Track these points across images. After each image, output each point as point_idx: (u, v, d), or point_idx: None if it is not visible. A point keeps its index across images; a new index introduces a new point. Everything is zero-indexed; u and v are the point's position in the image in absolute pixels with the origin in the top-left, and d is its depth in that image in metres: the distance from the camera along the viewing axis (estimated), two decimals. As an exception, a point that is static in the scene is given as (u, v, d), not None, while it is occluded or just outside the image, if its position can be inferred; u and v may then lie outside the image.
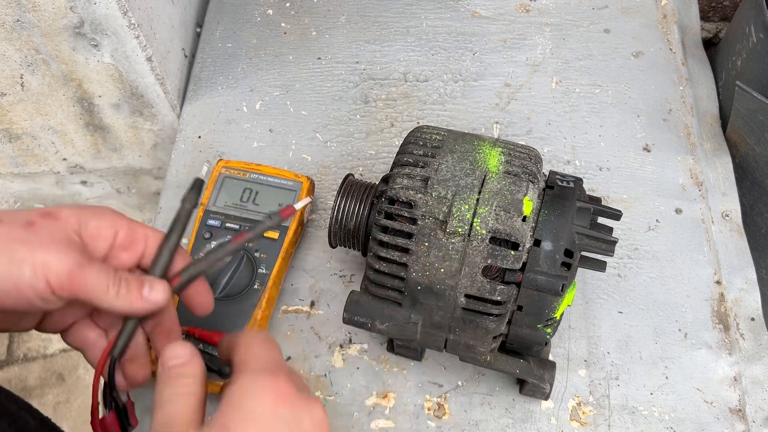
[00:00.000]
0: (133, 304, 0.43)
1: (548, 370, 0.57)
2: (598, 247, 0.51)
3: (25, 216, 0.42)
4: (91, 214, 0.44)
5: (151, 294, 0.44)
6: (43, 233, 0.41)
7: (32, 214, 0.42)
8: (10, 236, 0.40)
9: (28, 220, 0.42)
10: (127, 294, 0.43)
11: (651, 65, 0.80)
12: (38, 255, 0.40)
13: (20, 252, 0.40)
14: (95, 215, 0.45)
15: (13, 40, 0.66)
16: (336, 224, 0.58)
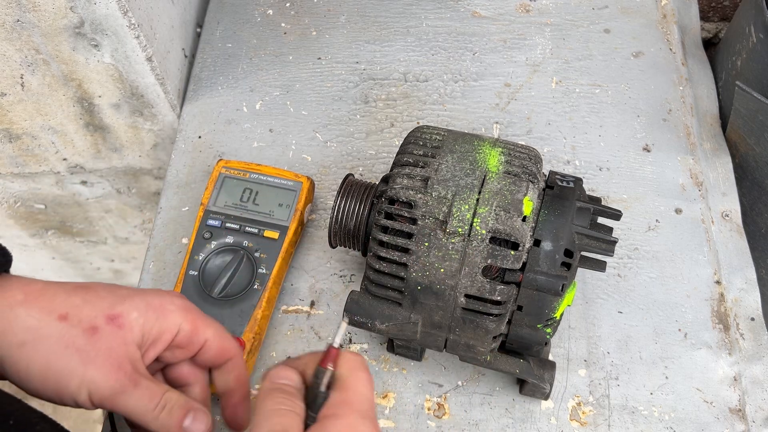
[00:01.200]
0: (172, 428, 0.43)
1: (548, 370, 0.57)
2: (598, 247, 0.51)
3: (92, 315, 0.42)
4: (157, 317, 0.44)
5: (192, 425, 0.44)
6: (101, 345, 0.41)
7: (99, 315, 0.42)
8: (69, 342, 0.41)
9: (92, 325, 0.42)
10: (168, 420, 0.43)
11: (651, 65, 0.80)
12: (89, 371, 0.40)
13: (73, 363, 0.40)
14: (162, 316, 0.45)
15: (13, 40, 0.66)
16: (336, 224, 0.58)
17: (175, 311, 0.46)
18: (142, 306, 0.44)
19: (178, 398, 0.44)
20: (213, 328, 0.47)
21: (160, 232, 0.71)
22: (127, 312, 0.43)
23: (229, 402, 0.49)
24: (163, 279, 0.68)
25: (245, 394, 0.50)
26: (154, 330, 0.44)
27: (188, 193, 0.73)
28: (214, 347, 0.47)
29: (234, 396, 0.49)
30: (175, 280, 0.66)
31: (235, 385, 0.49)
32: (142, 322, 0.44)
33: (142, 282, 0.68)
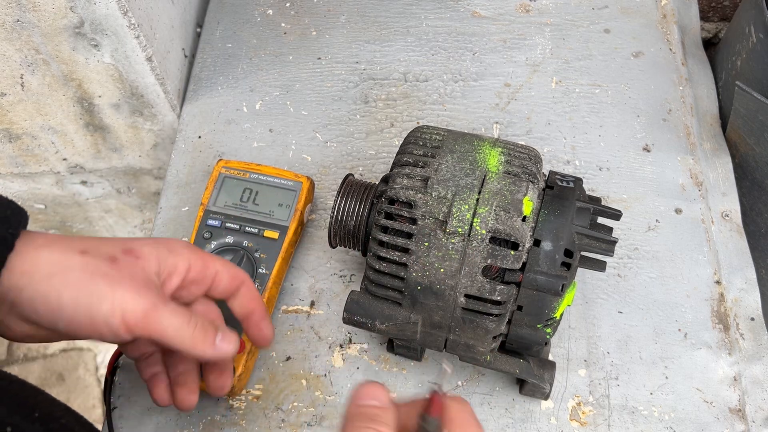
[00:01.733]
0: (206, 350, 0.45)
1: (548, 370, 0.57)
2: (598, 247, 0.51)
3: (109, 250, 0.44)
4: (168, 251, 0.46)
5: (222, 343, 0.45)
6: (124, 271, 0.43)
7: (116, 249, 0.44)
8: (94, 270, 0.42)
9: (111, 255, 0.43)
10: (202, 339, 0.44)
11: (651, 65, 0.80)
12: (118, 292, 0.41)
13: (102, 287, 0.41)
14: (173, 252, 0.46)
15: (13, 40, 0.66)
16: (336, 224, 0.58)
17: (184, 248, 0.48)
18: (153, 243, 0.46)
19: (205, 318, 0.46)
20: (220, 261, 0.49)
21: (160, 232, 0.71)
22: (140, 247, 0.45)
23: (251, 323, 0.51)
24: (163, 279, 0.68)
25: (263, 312, 0.52)
26: (168, 262, 0.46)
27: (188, 193, 0.73)
28: (225, 277, 0.49)
29: (254, 316, 0.51)
30: (175, 280, 0.66)
31: (253, 306, 0.51)
32: (156, 254, 0.45)
33: (142, 282, 0.68)
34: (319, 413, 0.62)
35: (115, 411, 0.62)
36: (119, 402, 0.62)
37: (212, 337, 0.45)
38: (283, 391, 0.63)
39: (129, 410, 0.62)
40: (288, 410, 0.62)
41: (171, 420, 0.61)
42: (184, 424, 0.61)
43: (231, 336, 0.46)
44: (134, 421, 0.62)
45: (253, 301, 0.51)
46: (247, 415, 0.62)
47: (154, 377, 0.52)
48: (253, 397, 0.62)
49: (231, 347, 0.46)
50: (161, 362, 0.52)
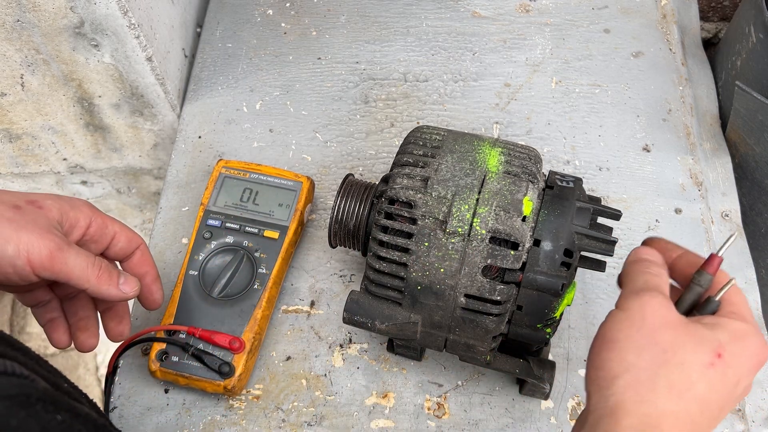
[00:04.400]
0: (110, 290, 0.48)
1: (548, 370, 0.57)
2: (598, 247, 0.51)
3: (12, 199, 0.46)
4: (70, 205, 0.49)
5: (125, 286, 0.49)
6: (28, 217, 0.45)
7: (19, 199, 0.46)
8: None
9: (14, 204, 0.45)
10: (107, 279, 0.47)
11: (651, 65, 0.80)
12: (23, 235, 0.43)
13: (6, 231, 0.43)
14: (74, 207, 0.49)
15: (13, 40, 0.66)
16: (336, 224, 0.58)
17: (85, 206, 0.50)
18: (56, 197, 0.48)
19: (109, 263, 0.49)
20: (118, 224, 0.52)
21: (160, 232, 0.71)
22: (44, 199, 0.47)
23: (143, 284, 0.54)
24: (163, 279, 0.68)
25: (155, 275, 0.55)
26: (70, 215, 0.48)
27: (188, 193, 0.73)
28: (123, 238, 0.52)
29: (147, 278, 0.55)
30: (176, 280, 0.66)
31: (146, 269, 0.55)
32: (58, 207, 0.47)
33: (142, 282, 0.68)
34: (319, 413, 0.62)
35: (115, 411, 0.62)
36: (119, 402, 0.62)
37: (116, 279, 0.48)
38: (283, 391, 0.63)
39: (129, 410, 0.62)
40: (288, 410, 0.62)
41: (171, 420, 0.62)
42: (184, 423, 0.61)
43: (132, 280, 0.50)
44: (134, 421, 0.62)
45: (147, 265, 0.55)
46: (247, 415, 0.62)
47: (51, 321, 0.54)
48: (253, 397, 0.62)
49: (133, 289, 0.50)
50: (59, 308, 0.54)
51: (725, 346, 0.40)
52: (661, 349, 0.39)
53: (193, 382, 0.60)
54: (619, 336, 0.40)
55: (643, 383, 0.39)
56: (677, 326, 0.40)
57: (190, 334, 0.60)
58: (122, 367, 0.64)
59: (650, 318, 0.40)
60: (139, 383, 0.63)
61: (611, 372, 0.40)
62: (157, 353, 0.60)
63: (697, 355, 0.39)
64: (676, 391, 0.38)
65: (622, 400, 0.38)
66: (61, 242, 0.45)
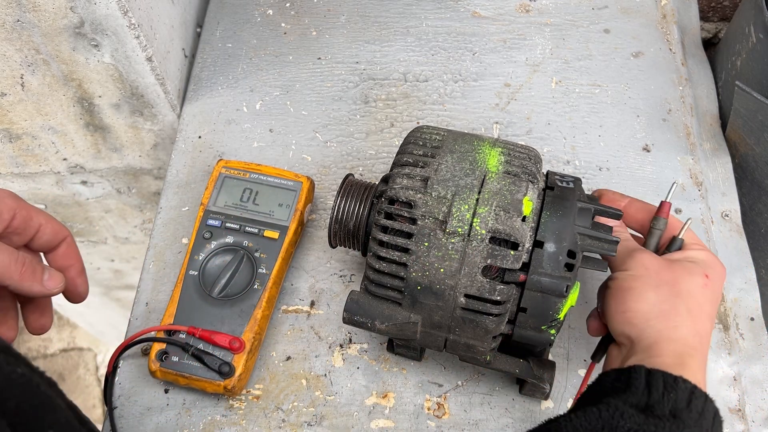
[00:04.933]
0: (33, 286, 0.48)
1: (548, 370, 0.57)
2: (600, 247, 0.51)
3: None
4: None
5: (49, 281, 0.49)
6: None
7: None
8: None
9: None
10: (30, 275, 0.47)
11: (651, 65, 0.80)
12: None
13: None
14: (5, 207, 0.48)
15: (13, 40, 0.66)
16: (336, 224, 0.58)
17: (8, 197, 0.49)
18: None
19: (33, 258, 0.49)
20: (44, 215, 0.51)
21: (160, 232, 0.71)
22: None
23: (67, 276, 0.53)
24: (163, 279, 0.68)
25: (81, 268, 0.54)
26: None
27: (188, 193, 0.73)
28: (48, 230, 0.51)
29: (72, 270, 0.53)
30: (175, 280, 0.66)
31: (71, 262, 0.54)
32: None
33: (143, 282, 0.68)
34: (319, 413, 0.62)
35: (115, 411, 0.62)
36: (119, 402, 0.62)
37: (40, 275, 0.48)
38: (283, 391, 0.63)
39: (129, 410, 0.62)
40: (288, 410, 0.62)
41: (171, 420, 0.62)
42: (184, 423, 0.61)
43: (57, 275, 0.49)
44: (134, 421, 0.62)
45: (72, 258, 0.54)
46: (247, 415, 0.62)
47: None
48: (253, 397, 0.62)
49: (58, 286, 0.49)
50: None
51: (707, 269, 0.51)
52: (669, 285, 0.50)
53: (193, 382, 0.60)
54: (635, 285, 0.50)
55: (670, 314, 0.48)
56: (670, 266, 0.51)
57: (190, 334, 0.60)
58: (122, 367, 0.64)
59: (650, 266, 0.51)
60: (139, 383, 0.63)
61: (642, 311, 0.49)
62: (157, 353, 0.60)
63: (693, 281, 0.50)
64: (693, 312, 0.49)
65: (659, 329, 0.48)
66: None
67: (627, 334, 0.50)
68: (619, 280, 0.52)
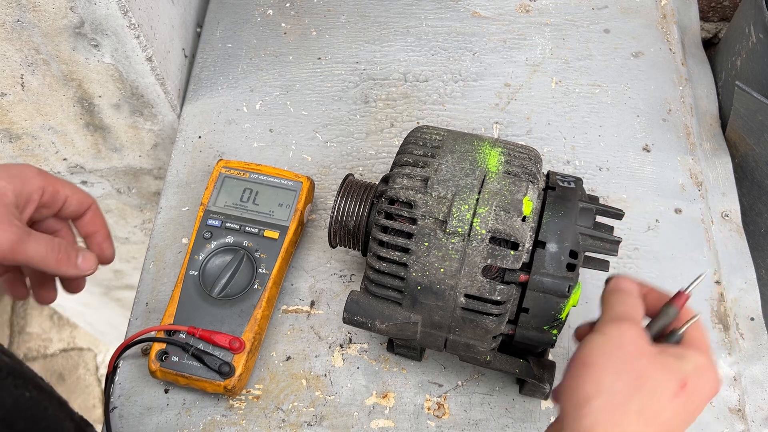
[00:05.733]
0: (69, 270, 0.51)
1: (548, 370, 0.57)
2: (602, 248, 0.51)
3: None
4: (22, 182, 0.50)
5: (83, 263, 0.52)
6: None
7: None
8: None
9: None
10: (66, 261, 0.51)
11: (651, 65, 0.80)
12: None
13: None
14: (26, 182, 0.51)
15: (13, 40, 0.66)
16: (336, 224, 0.58)
17: (36, 176, 0.52)
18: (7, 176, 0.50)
19: (67, 242, 0.51)
20: (69, 186, 0.54)
21: (160, 232, 0.71)
22: None
23: (94, 242, 0.57)
24: (163, 279, 0.68)
25: (106, 233, 0.58)
26: (23, 193, 0.50)
27: (188, 193, 0.73)
28: (74, 201, 0.54)
29: (98, 236, 0.57)
30: (175, 280, 0.66)
31: (97, 228, 0.57)
32: (11, 187, 0.49)
33: (143, 282, 0.68)
34: (319, 413, 0.62)
35: (115, 411, 0.62)
36: (119, 402, 0.62)
37: (74, 259, 0.51)
38: (283, 391, 0.63)
39: (129, 410, 0.62)
40: (288, 410, 0.62)
41: (171, 420, 0.62)
42: (184, 423, 0.61)
43: (90, 257, 0.53)
44: (134, 421, 0.62)
45: (97, 224, 0.57)
46: (247, 415, 0.62)
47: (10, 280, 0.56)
48: (253, 397, 0.62)
49: (91, 267, 0.53)
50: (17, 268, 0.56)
51: (689, 377, 0.42)
52: (635, 376, 0.41)
53: (193, 382, 0.60)
54: (598, 359, 0.42)
55: (617, 407, 0.41)
56: (650, 355, 0.43)
57: (190, 334, 0.60)
58: (122, 367, 0.64)
59: (628, 345, 0.43)
60: (139, 383, 0.63)
61: (587, 393, 0.41)
62: (157, 353, 0.60)
63: (665, 383, 0.42)
64: (645, 417, 0.41)
65: (596, 421, 0.40)
66: (20, 233, 0.47)
67: (564, 406, 0.43)
68: (588, 345, 0.44)
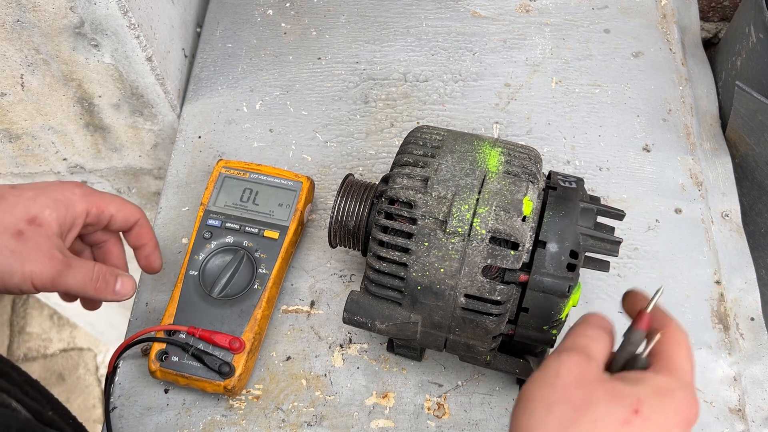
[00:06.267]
0: (107, 297, 0.53)
1: (548, 370, 0.57)
2: (603, 248, 0.51)
3: (14, 223, 0.49)
4: (66, 208, 0.51)
5: (122, 289, 0.54)
6: (30, 244, 0.48)
7: (19, 221, 0.49)
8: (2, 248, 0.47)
9: (17, 230, 0.48)
10: (103, 289, 0.52)
11: (651, 65, 0.80)
12: (27, 265, 0.47)
13: (11, 263, 0.47)
14: (69, 207, 0.52)
15: (13, 40, 0.66)
16: (336, 224, 0.58)
17: (80, 200, 0.53)
18: (52, 203, 0.51)
19: (107, 269, 0.53)
20: (115, 204, 0.56)
21: (160, 232, 0.71)
22: (41, 212, 0.50)
23: (142, 254, 0.59)
24: (163, 279, 0.68)
25: (154, 245, 0.59)
26: (67, 220, 0.52)
27: (188, 193, 0.73)
28: (119, 218, 0.56)
29: (146, 248, 0.59)
30: (175, 280, 0.66)
31: (145, 241, 0.59)
32: (56, 216, 0.50)
33: (143, 282, 0.68)
34: (319, 413, 0.62)
35: (115, 411, 0.62)
36: (119, 402, 0.62)
37: (112, 286, 0.53)
38: (283, 391, 0.63)
39: (129, 410, 0.62)
40: (288, 410, 0.62)
41: (171, 420, 0.62)
42: (184, 423, 0.61)
43: (128, 283, 0.54)
44: (134, 421, 0.62)
45: (145, 237, 0.59)
46: (247, 415, 0.62)
47: None
48: (253, 397, 0.62)
49: (129, 293, 0.54)
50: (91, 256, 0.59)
51: (644, 402, 0.38)
52: (572, 407, 0.38)
53: (193, 382, 0.60)
54: (534, 394, 0.40)
55: None
56: (593, 383, 0.39)
57: (190, 334, 0.60)
58: (122, 367, 0.64)
59: (564, 375, 0.40)
60: (139, 383, 0.63)
61: (525, 427, 0.39)
62: (157, 353, 0.60)
63: (611, 412, 0.38)
64: None
65: None
66: (61, 266, 0.49)
67: None
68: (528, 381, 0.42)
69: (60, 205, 0.51)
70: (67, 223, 0.52)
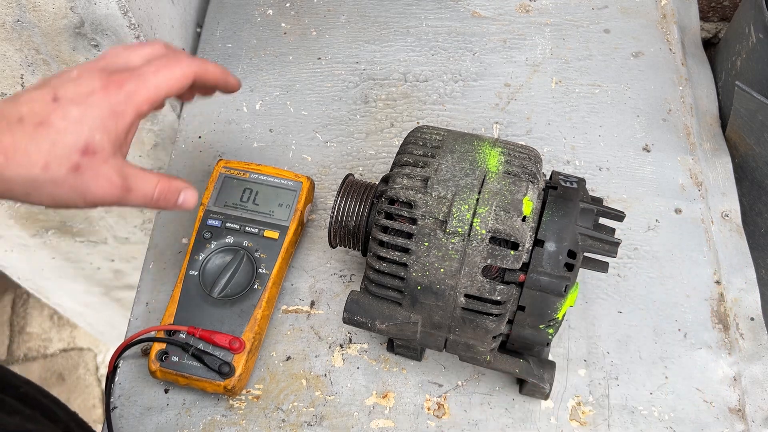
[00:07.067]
0: (168, 206, 0.53)
1: (548, 370, 0.57)
2: (601, 248, 0.51)
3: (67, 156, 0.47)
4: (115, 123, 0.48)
5: (184, 203, 0.53)
6: (88, 175, 0.47)
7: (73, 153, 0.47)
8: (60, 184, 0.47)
9: (73, 163, 0.47)
10: (166, 204, 0.52)
11: (651, 65, 0.80)
12: (88, 197, 0.48)
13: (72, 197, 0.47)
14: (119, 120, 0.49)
15: (13, 40, 0.66)
16: (336, 224, 0.58)
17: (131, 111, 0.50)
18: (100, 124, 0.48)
19: (168, 185, 0.52)
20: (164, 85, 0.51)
21: (160, 232, 0.71)
22: (91, 137, 0.47)
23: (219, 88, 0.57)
24: (163, 279, 0.68)
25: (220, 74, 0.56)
26: (120, 135, 0.49)
27: (188, 193, 0.73)
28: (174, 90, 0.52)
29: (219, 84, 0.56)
30: (175, 280, 0.66)
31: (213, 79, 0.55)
32: (107, 138, 0.48)
33: (143, 282, 0.68)
34: (319, 413, 0.62)
35: (115, 411, 0.62)
36: (119, 402, 0.63)
37: (173, 201, 0.52)
38: (283, 391, 0.63)
39: (129, 410, 0.62)
40: (288, 410, 0.62)
41: (171, 420, 0.62)
42: (184, 423, 0.61)
43: (190, 192, 0.53)
44: (134, 421, 0.62)
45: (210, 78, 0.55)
46: (247, 415, 0.62)
47: None
48: (253, 397, 0.62)
49: (192, 204, 0.53)
50: None
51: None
52: None
53: (193, 382, 0.60)
54: None
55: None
56: None
57: (190, 334, 0.60)
58: (122, 367, 0.64)
59: None
60: (139, 383, 0.63)
61: None
62: (157, 353, 0.60)
63: None
64: None
65: None
66: (122, 193, 0.49)
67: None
68: None
69: (109, 122, 0.48)
70: (120, 138, 0.49)
